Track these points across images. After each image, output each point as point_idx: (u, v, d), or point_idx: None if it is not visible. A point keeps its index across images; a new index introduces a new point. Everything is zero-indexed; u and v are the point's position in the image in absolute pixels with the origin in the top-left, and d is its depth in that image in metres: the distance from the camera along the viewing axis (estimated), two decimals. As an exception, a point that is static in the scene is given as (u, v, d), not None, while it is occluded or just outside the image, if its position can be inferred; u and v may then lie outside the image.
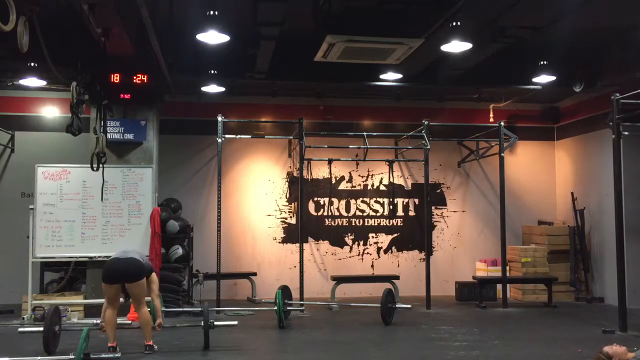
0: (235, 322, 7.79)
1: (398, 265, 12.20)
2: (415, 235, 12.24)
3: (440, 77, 10.21)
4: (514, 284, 11.65)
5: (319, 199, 12.22)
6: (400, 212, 12.44)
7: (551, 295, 10.81)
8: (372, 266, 12.26)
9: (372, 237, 12.34)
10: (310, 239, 12.05)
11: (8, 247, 10.60)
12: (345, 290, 11.45)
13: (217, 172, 10.49)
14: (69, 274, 10.10)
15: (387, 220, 12.38)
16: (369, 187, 12.40)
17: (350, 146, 11.30)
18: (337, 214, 12.27)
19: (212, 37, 7.45)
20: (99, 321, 6.96)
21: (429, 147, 10.63)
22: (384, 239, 12.35)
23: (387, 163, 11.87)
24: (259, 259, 11.92)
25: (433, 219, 12.32)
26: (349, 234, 12.28)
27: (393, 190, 12.32)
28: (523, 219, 12.56)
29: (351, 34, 7.39)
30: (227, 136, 10.81)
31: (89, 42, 7.77)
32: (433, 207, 12.25)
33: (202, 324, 7.01)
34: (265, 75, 9.81)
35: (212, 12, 7.08)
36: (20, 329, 7.58)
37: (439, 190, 12.52)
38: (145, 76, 9.13)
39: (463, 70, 9.79)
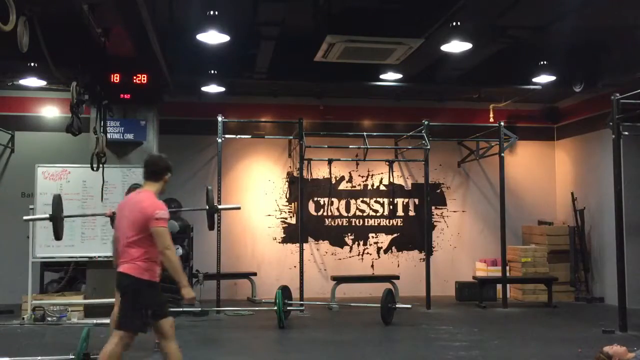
0: (239, 206, 8.35)
1: (398, 265, 12.20)
2: (415, 235, 12.23)
3: (440, 77, 10.21)
4: (514, 284, 11.64)
5: (319, 199, 12.22)
6: (400, 212, 12.44)
7: (551, 295, 10.80)
8: (372, 266, 12.26)
9: (372, 237, 12.34)
10: (310, 239, 12.05)
11: (8, 247, 10.59)
12: (345, 290, 11.44)
13: (217, 172, 10.49)
14: (69, 274, 10.10)
15: (387, 220, 12.38)
16: (369, 187, 12.40)
17: (350, 146, 11.31)
18: (337, 214, 12.27)
19: (212, 37, 7.46)
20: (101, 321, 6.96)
21: (428, 147, 10.63)
22: (384, 239, 12.35)
23: (387, 163, 11.87)
24: (259, 259, 11.92)
25: (433, 219, 12.31)
26: (349, 234, 12.28)
27: (393, 190, 12.32)
28: (523, 219, 12.55)
29: (351, 34, 7.40)
30: (227, 136, 10.81)
31: (89, 42, 7.77)
32: (433, 207, 12.24)
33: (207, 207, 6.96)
34: (266, 75, 9.81)
35: (212, 12, 7.09)
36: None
37: (439, 190, 12.52)
38: (145, 76, 9.15)
39: (463, 70, 9.79)
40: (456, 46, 7.85)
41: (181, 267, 4.79)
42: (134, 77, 9.12)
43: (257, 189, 12.06)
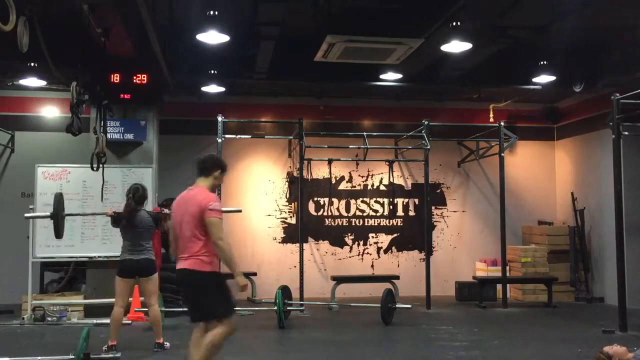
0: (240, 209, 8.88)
1: (398, 265, 12.20)
2: (415, 235, 12.23)
3: (440, 77, 10.21)
4: (514, 284, 11.64)
5: (319, 199, 12.22)
6: (400, 212, 12.44)
7: (551, 295, 10.80)
8: (372, 266, 12.26)
9: (372, 237, 12.34)
10: (310, 239, 12.05)
11: (8, 247, 10.59)
12: (345, 290, 11.44)
13: (217, 172, 10.48)
14: (69, 274, 10.09)
15: (387, 220, 12.38)
16: (369, 187, 12.40)
17: (350, 146, 11.30)
18: (337, 214, 12.27)
19: (212, 37, 7.46)
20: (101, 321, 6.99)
21: (428, 147, 10.63)
22: (384, 239, 12.35)
23: (387, 163, 11.87)
24: (259, 259, 11.91)
25: (433, 219, 12.31)
26: (349, 234, 12.28)
27: (393, 190, 12.32)
28: (523, 219, 12.55)
29: (351, 34, 7.40)
30: (227, 136, 10.81)
31: (89, 42, 7.77)
32: (433, 207, 12.24)
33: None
34: (266, 75, 9.81)
35: (212, 12, 7.09)
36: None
37: (439, 190, 12.52)
38: (145, 76, 9.15)
39: (463, 70, 9.79)
40: (456, 46, 7.85)
41: (234, 258, 4.94)
42: (134, 77, 9.12)
43: (257, 189, 12.05)
